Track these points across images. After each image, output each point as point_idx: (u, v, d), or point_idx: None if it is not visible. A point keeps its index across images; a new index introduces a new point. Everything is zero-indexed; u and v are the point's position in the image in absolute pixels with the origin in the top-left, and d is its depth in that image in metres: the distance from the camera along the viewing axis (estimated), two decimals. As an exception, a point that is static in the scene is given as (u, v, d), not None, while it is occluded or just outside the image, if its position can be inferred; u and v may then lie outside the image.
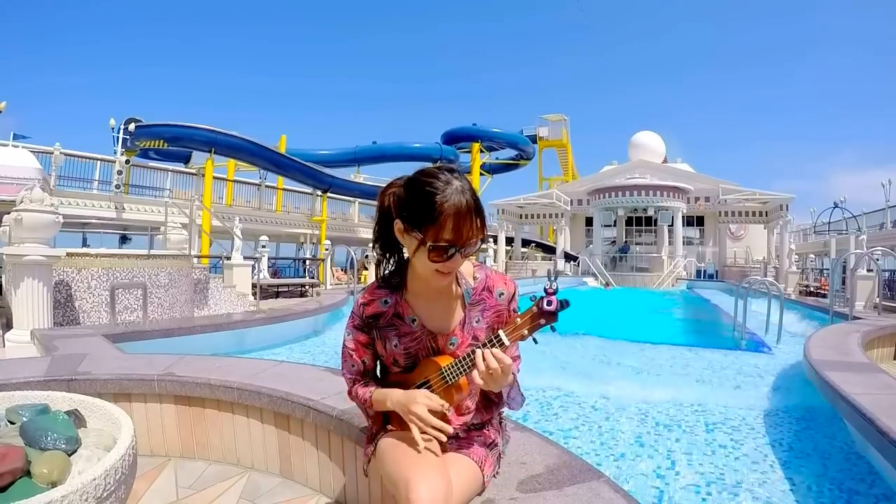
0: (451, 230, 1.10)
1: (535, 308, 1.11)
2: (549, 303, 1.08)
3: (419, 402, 1.18)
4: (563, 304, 1.09)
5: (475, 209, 1.13)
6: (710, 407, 3.51)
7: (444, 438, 1.17)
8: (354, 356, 1.34)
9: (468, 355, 1.18)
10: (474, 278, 1.29)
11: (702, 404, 3.57)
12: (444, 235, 1.11)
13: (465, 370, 1.20)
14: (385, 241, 1.27)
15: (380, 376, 1.42)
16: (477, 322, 1.27)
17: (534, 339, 1.14)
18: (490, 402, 1.36)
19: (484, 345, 1.14)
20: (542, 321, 1.10)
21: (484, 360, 1.11)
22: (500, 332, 1.13)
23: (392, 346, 1.29)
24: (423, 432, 1.16)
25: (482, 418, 1.35)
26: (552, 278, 1.12)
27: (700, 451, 2.74)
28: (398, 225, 1.19)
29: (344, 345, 1.36)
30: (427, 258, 1.14)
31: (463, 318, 1.27)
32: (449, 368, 1.21)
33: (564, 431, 3.04)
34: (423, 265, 1.17)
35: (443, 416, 1.25)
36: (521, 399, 1.35)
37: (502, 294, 1.29)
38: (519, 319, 1.13)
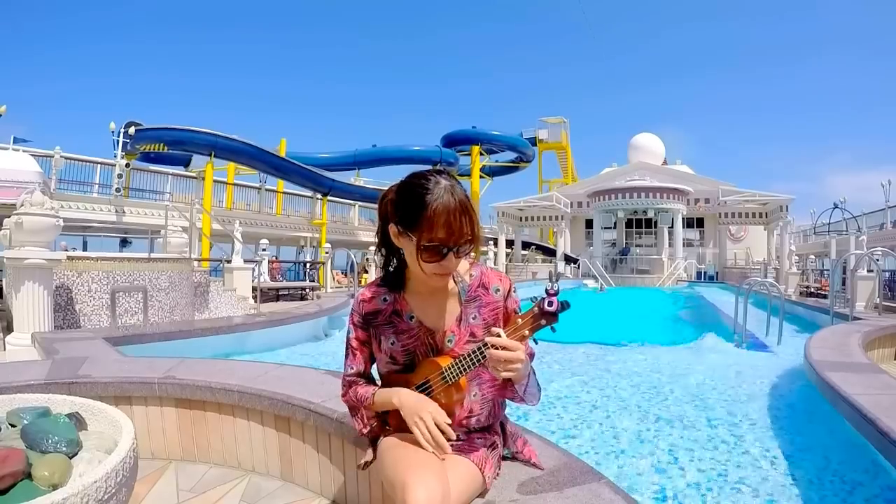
0: (441, 229, 1.12)
1: (535, 309, 1.11)
2: (550, 304, 1.09)
3: (430, 410, 1.18)
4: (564, 306, 1.10)
5: (464, 208, 1.15)
6: (711, 407, 3.50)
7: (441, 454, 1.16)
8: (357, 354, 1.36)
9: (468, 355, 1.19)
10: (470, 276, 1.31)
11: (703, 404, 3.56)
12: (436, 235, 1.13)
13: (464, 370, 1.20)
14: (386, 244, 1.30)
15: (378, 379, 1.42)
16: (473, 319, 1.29)
17: (534, 340, 1.15)
18: (497, 405, 1.36)
19: (485, 344, 1.15)
20: (543, 322, 1.11)
21: (495, 354, 1.11)
22: (501, 332, 1.13)
23: (389, 343, 1.30)
24: (421, 440, 1.16)
25: (487, 421, 1.35)
26: (553, 279, 1.12)
27: (702, 449, 2.73)
28: (393, 229, 1.21)
29: (347, 342, 1.37)
30: (421, 259, 1.16)
31: (459, 314, 1.29)
32: (449, 368, 1.22)
33: (565, 430, 3.04)
34: (419, 266, 1.18)
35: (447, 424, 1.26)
36: (538, 391, 1.34)
37: (498, 290, 1.30)
38: (520, 320, 1.13)
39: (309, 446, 2.03)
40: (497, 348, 1.11)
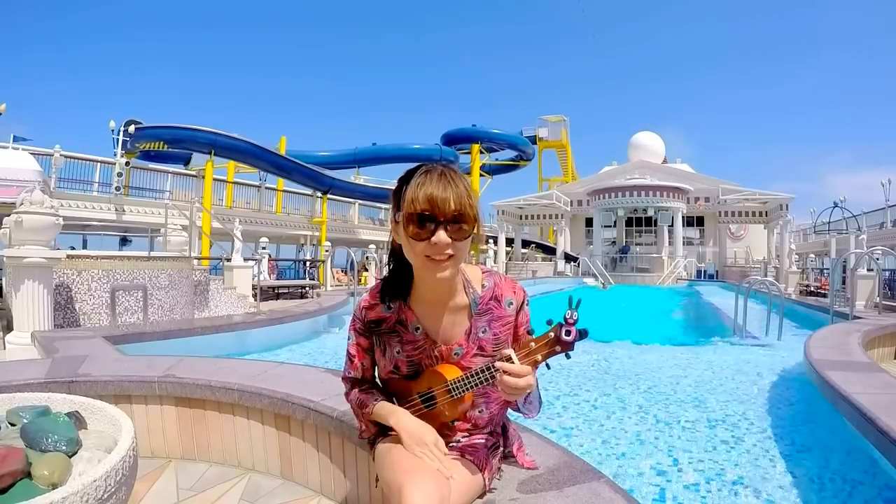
0: (423, 199, 1.06)
1: (551, 334, 1.06)
2: (568, 332, 1.04)
3: (433, 441, 1.15)
4: (582, 335, 1.05)
5: (449, 178, 1.09)
6: (711, 406, 3.50)
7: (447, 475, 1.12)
8: (356, 360, 1.32)
9: (476, 373, 1.15)
10: (482, 286, 1.25)
11: (702, 404, 3.56)
12: (417, 205, 1.06)
13: (471, 387, 1.17)
14: (394, 260, 1.24)
15: (379, 382, 1.39)
16: (483, 332, 1.23)
17: (546, 365, 1.11)
18: (500, 411, 1.35)
19: (496, 368, 1.10)
20: (558, 349, 1.06)
21: (506, 380, 1.06)
22: (512, 355, 1.08)
23: (394, 352, 1.27)
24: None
25: (490, 426, 1.34)
26: (573, 306, 1.05)
27: (701, 448, 2.74)
28: (392, 224, 1.16)
29: (347, 349, 1.34)
30: (408, 235, 1.09)
31: (468, 327, 1.23)
32: (455, 383, 1.19)
33: (565, 429, 3.04)
34: (413, 252, 1.12)
35: (448, 428, 1.28)
36: (539, 404, 1.30)
37: (511, 303, 1.24)
38: (533, 344, 1.08)
39: (309, 445, 2.03)
40: (508, 373, 1.07)
